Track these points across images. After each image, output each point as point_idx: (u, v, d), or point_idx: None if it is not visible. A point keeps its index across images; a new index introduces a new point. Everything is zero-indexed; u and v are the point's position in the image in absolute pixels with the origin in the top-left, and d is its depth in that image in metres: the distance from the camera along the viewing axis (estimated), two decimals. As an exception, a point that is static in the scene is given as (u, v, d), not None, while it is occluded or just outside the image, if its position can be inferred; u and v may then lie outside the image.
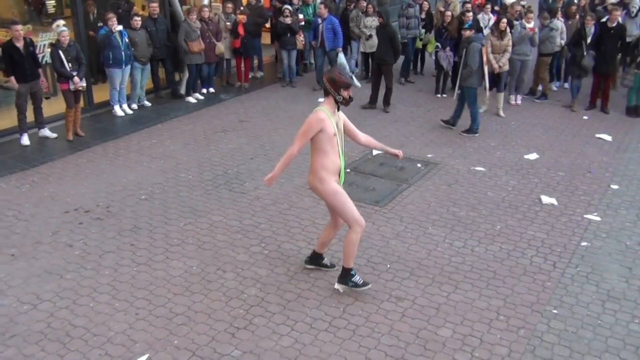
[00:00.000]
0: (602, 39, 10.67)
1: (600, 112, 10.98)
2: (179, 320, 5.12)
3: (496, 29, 10.48)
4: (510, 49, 10.45)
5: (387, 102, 10.98)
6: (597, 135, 9.79)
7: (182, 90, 11.55)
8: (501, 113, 10.67)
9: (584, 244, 6.45)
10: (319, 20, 11.99)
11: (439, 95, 11.87)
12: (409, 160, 8.64)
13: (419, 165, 8.49)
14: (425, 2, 12.89)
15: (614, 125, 10.33)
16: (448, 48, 11.41)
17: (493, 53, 10.39)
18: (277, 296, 5.47)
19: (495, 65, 10.33)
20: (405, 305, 5.36)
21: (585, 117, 10.77)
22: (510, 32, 10.66)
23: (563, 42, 11.40)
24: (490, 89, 10.57)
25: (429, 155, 8.85)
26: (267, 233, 6.58)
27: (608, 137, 9.70)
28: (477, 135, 9.70)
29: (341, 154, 5.27)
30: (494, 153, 9.02)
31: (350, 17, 12.75)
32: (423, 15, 12.70)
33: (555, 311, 5.32)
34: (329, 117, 5.11)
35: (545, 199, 7.44)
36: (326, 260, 5.93)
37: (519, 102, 11.42)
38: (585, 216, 7.06)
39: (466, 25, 10.27)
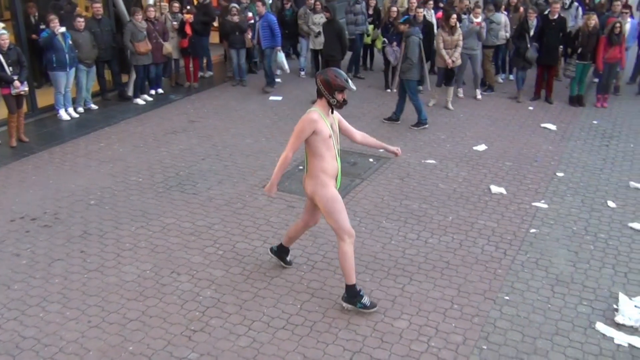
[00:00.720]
0: (544, 31, 10.97)
1: (545, 103, 11.29)
2: (134, 325, 5.03)
3: (446, 25, 10.60)
4: (461, 43, 10.61)
5: None
6: (542, 125, 10.05)
7: (130, 92, 11.34)
8: (450, 106, 10.85)
9: (532, 230, 6.62)
10: (257, 18, 11.95)
11: (388, 90, 12.00)
12: (361, 155, 8.71)
13: (371, 160, 8.56)
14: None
15: (558, 115, 10.63)
16: (395, 43, 11.48)
17: (445, 48, 10.53)
18: (233, 296, 5.43)
19: (449, 60, 10.48)
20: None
21: (530, 108, 11.05)
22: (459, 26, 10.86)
23: (507, 34, 11.66)
24: (446, 84, 10.74)
25: (381, 150, 8.90)
26: (221, 233, 6.52)
27: (553, 127, 9.97)
28: (426, 126, 9.84)
29: (338, 156, 5.12)
30: (444, 145, 9.17)
31: (299, 14, 12.76)
32: (371, 12, 12.80)
33: (507, 297, 5.45)
34: (322, 118, 4.93)
35: (495, 189, 7.60)
36: (289, 258, 5.89)
37: (479, 97, 11.57)
38: (533, 204, 7.24)
39: (401, 20, 10.37)
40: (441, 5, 13.19)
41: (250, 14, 12.59)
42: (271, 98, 11.53)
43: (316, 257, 6.06)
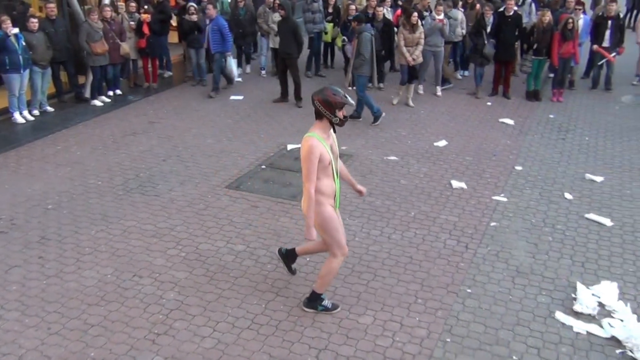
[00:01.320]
0: (501, 28, 11.16)
1: (503, 98, 11.50)
2: (95, 331, 4.94)
3: (408, 23, 10.67)
4: (422, 41, 10.69)
5: (297, 96, 11.02)
6: (501, 120, 10.24)
7: (87, 94, 11.10)
8: (410, 103, 10.95)
9: (493, 224, 6.74)
10: (207, 21, 11.45)
11: (350, 88, 12.00)
12: (324, 153, 8.72)
13: (333, 157, 8.58)
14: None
15: (515, 110, 10.84)
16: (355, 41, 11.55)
17: (406, 46, 10.61)
18: (197, 298, 5.38)
19: (409, 58, 10.57)
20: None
21: (489, 103, 11.24)
22: (421, 24, 10.97)
23: (464, 31, 11.84)
24: (409, 81, 10.84)
25: (343, 148, 8.92)
26: (184, 235, 6.46)
27: (510, 121, 10.17)
28: (383, 114, 9.97)
29: (336, 177, 4.92)
30: (405, 142, 9.26)
31: (258, 12, 12.70)
32: (330, 10, 12.82)
33: (469, 290, 5.53)
34: (321, 143, 4.66)
35: (455, 184, 7.71)
36: (295, 266, 5.67)
37: (439, 93, 11.69)
38: (493, 197, 7.37)
39: (351, 17, 10.40)
40: (400, 3, 13.29)
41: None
42: (232, 97, 11.45)
43: (280, 256, 6.05)
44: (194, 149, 8.87)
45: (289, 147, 8.94)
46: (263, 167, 8.29)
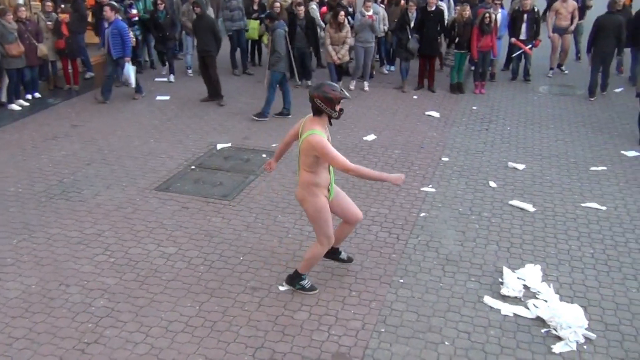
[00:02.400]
0: (424, 23, 11.41)
1: (428, 91, 11.78)
2: (20, 344, 4.74)
3: (334, 21, 10.66)
4: (349, 40, 10.69)
5: (217, 94, 10.87)
6: (427, 113, 10.49)
7: (3, 98, 10.59)
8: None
9: (422, 214, 6.89)
10: (106, 24, 10.69)
11: (298, 84, 11.94)
12: (254, 151, 8.69)
13: (264, 155, 8.56)
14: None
15: (440, 103, 11.12)
16: None
17: (332, 45, 10.60)
18: (128, 304, 5.25)
19: (335, 57, 10.57)
20: (261, 295, 5.40)
21: (415, 97, 11.48)
22: (352, 20, 11.06)
23: (385, 27, 12.03)
24: (339, 79, 10.82)
25: (274, 145, 8.94)
26: (112, 240, 6.28)
27: (436, 114, 10.43)
28: (266, 119, 9.98)
29: (331, 168, 5.11)
30: (335, 137, 9.23)
31: (182, 11, 12.50)
32: (255, 7, 12.74)
33: (401, 280, 5.65)
34: (324, 138, 4.87)
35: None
36: (343, 255, 5.84)
37: (367, 88, 11.80)
38: (421, 189, 7.54)
39: (263, 15, 10.33)
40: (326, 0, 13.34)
41: (134, 11, 12.18)
42: (158, 98, 11.21)
43: (213, 257, 5.99)
44: (119, 152, 8.64)
45: (219, 146, 8.84)
46: (192, 167, 8.17)
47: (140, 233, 6.43)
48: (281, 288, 5.44)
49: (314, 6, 12.51)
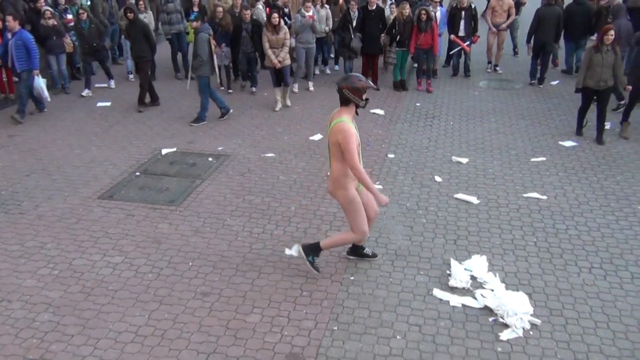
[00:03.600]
0: (366, 22, 11.52)
1: (372, 89, 11.87)
2: (-40, 365, 4.56)
3: (269, 24, 10.47)
4: (288, 42, 10.54)
5: (141, 100, 10.64)
6: (372, 111, 10.57)
7: None
8: (287, 102, 10.87)
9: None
10: (9, 35, 9.80)
11: (230, 91, 11.80)
12: (200, 155, 8.60)
13: (210, 159, 8.47)
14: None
15: (385, 100, 11.25)
16: (223, 44, 11.21)
17: (271, 48, 10.47)
18: (74, 317, 5.11)
19: (275, 61, 10.42)
20: (211, 300, 5.35)
21: (360, 95, 11.56)
22: (289, 21, 11.02)
23: (327, 28, 12.10)
24: (277, 85, 10.69)
25: (220, 148, 8.87)
26: (55, 252, 6.10)
27: (381, 112, 10.54)
28: (205, 122, 9.91)
29: (360, 159, 5.20)
30: (282, 138, 9.32)
31: (120, 15, 12.24)
32: (195, 9, 12.58)
33: (352, 278, 5.69)
34: (353, 128, 5.09)
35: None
36: (367, 250, 5.96)
37: (311, 88, 11.81)
38: (369, 186, 7.60)
39: (191, 17, 10.20)
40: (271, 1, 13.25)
41: (70, 16, 11.86)
42: (99, 104, 10.95)
43: (161, 264, 5.89)
44: (60, 161, 8.40)
45: (164, 151, 8.71)
46: (137, 174, 8.02)
47: (85, 243, 6.27)
48: (288, 252, 5.59)
49: (260, 6, 12.44)
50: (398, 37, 11.44)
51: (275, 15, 10.39)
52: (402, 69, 11.85)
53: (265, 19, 11.77)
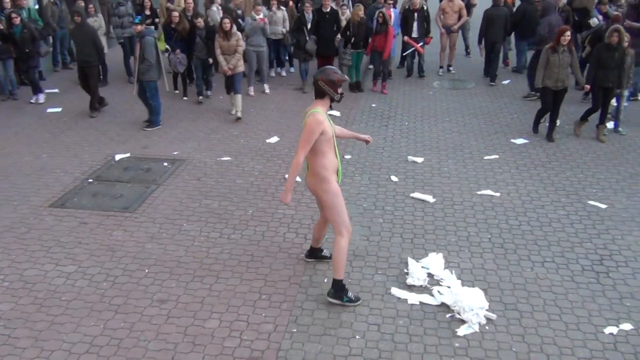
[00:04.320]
0: (320, 24, 11.55)
1: (328, 91, 11.89)
2: None
3: (221, 29, 10.14)
4: (241, 49, 10.25)
5: (92, 106, 10.38)
6: (328, 113, 10.58)
7: None
8: (239, 114, 10.24)
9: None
10: None
11: (185, 98, 11.58)
12: (155, 160, 8.47)
13: (165, 164, 8.36)
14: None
15: (340, 102, 11.24)
16: (178, 50, 10.94)
17: (223, 54, 10.16)
18: (27, 329, 4.96)
19: (225, 68, 10.11)
20: (169, 307, 5.27)
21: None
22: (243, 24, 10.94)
23: (284, 30, 12.09)
24: (228, 92, 10.48)
25: (175, 153, 8.76)
26: (5, 263, 5.91)
27: (337, 113, 10.56)
28: (160, 126, 9.81)
29: (337, 152, 5.24)
30: (238, 141, 9.27)
31: (69, 19, 11.96)
32: (148, 12, 12.39)
33: (311, 279, 5.69)
34: (326, 119, 5.08)
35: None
36: (326, 252, 5.94)
37: (267, 91, 11.73)
38: (326, 187, 7.62)
39: (135, 20, 9.92)
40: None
41: (17, 21, 11.48)
42: (49, 110, 10.66)
43: (116, 272, 5.78)
44: (9, 169, 8.15)
45: (117, 157, 8.55)
46: (90, 180, 7.85)
47: (36, 253, 6.10)
48: (331, 300, 5.27)
49: (214, 8, 12.31)
50: (353, 39, 11.51)
51: (227, 20, 10.08)
52: (357, 70, 11.93)
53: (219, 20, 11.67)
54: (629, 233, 6.54)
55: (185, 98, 11.53)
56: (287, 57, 13.35)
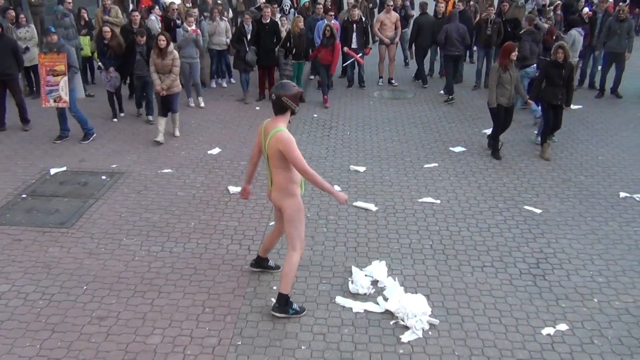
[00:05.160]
0: (260, 35, 11.54)
1: (270, 102, 11.87)
2: None
3: (156, 46, 9.36)
4: (177, 69, 9.44)
5: (23, 119, 10.01)
6: (270, 123, 10.58)
7: None
8: (176, 133, 9.83)
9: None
10: None
11: (115, 120, 11.16)
12: (92, 174, 8.25)
13: (103, 177, 8.14)
14: (83, 10, 12.35)
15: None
16: (112, 69, 10.35)
17: (158, 73, 9.40)
18: (-45, 353, 4.73)
19: (158, 87, 9.34)
20: (109, 324, 5.13)
21: (257, 108, 11.58)
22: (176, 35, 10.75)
23: (228, 40, 12.04)
24: (163, 113, 9.59)
25: (113, 166, 8.55)
26: None
27: (279, 124, 10.56)
28: (94, 135, 9.61)
29: None
30: (179, 153, 9.13)
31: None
32: (82, 22, 12.11)
33: (255, 291, 5.64)
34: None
35: (233, 189, 7.80)
36: (271, 263, 5.95)
37: (202, 104, 11.52)
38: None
39: (50, 29, 9.43)
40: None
41: None
42: None
43: (52, 290, 5.58)
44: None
45: (52, 171, 8.28)
46: (23, 196, 7.56)
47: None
48: (277, 314, 5.21)
49: (153, 17, 12.10)
50: (294, 50, 11.55)
51: (162, 37, 9.31)
52: (298, 81, 11.96)
53: (158, 30, 11.45)
54: (563, 236, 6.79)
55: (117, 118, 10.71)
56: (227, 68, 13.25)
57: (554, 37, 10.96)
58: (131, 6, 13.32)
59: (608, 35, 11.88)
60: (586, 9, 12.64)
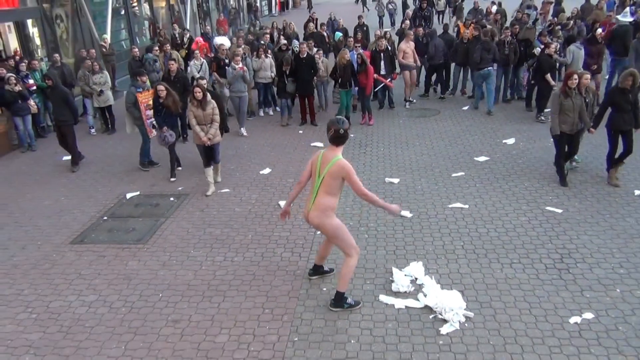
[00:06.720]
0: (298, 68, 11.63)
1: (311, 125, 11.99)
2: (-54, 413, 4.27)
3: (193, 98, 8.21)
4: (218, 117, 8.35)
5: (74, 161, 9.98)
6: (312, 144, 10.66)
7: None
8: (218, 179, 8.98)
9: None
10: None
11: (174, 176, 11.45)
12: (162, 196, 8.44)
13: (171, 199, 8.33)
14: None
15: (322, 134, 11.03)
16: (165, 128, 8.85)
17: (199, 125, 8.28)
18: (55, 355, 4.90)
19: (204, 139, 8.26)
20: (182, 326, 5.23)
21: (300, 131, 11.66)
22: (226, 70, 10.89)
23: (273, 74, 12.19)
24: (207, 164, 8.50)
25: (179, 188, 8.74)
26: (32, 297, 5.84)
27: (320, 144, 10.62)
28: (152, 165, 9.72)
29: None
30: (235, 174, 9.27)
31: (79, 76, 11.99)
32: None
33: (307, 292, 5.66)
34: None
35: (283, 204, 7.87)
36: (326, 267, 5.97)
37: (245, 134, 11.53)
38: (315, 210, 7.62)
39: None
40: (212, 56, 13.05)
41: (32, 81, 11.50)
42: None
43: (133, 298, 5.73)
44: (31, 213, 8.08)
45: (128, 195, 8.51)
46: (105, 218, 7.80)
47: (60, 286, 6.03)
48: (333, 309, 5.31)
49: (192, 63, 12.18)
50: (340, 80, 11.56)
51: (197, 90, 8.16)
52: (346, 108, 11.92)
53: (197, 75, 10.43)
54: (584, 233, 6.61)
55: (174, 178, 9.18)
56: (272, 98, 13.39)
57: (493, 38, 12.14)
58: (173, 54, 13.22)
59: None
60: (600, 30, 12.19)
